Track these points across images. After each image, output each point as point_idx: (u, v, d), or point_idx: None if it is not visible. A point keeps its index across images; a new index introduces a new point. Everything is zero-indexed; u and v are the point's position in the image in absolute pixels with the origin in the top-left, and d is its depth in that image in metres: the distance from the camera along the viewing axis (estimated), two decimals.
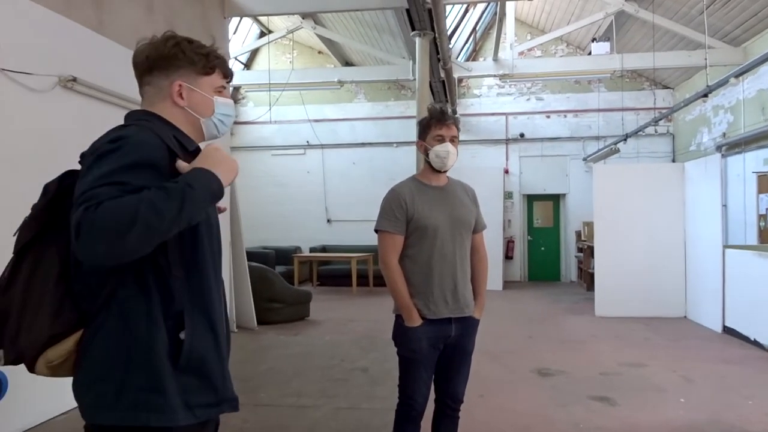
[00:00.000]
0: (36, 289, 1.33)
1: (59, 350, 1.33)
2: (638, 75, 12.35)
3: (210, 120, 1.53)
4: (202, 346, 1.37)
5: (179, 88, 1.47)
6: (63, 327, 1.32)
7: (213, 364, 1.40)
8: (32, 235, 1.35)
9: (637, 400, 4.42)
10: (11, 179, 3.49)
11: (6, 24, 3.58)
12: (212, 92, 1.53)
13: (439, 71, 9.46)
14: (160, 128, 1.39)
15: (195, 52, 1.49)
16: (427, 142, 2.62)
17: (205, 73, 1.51)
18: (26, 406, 3.64)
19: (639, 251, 8.23)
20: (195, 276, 1.39)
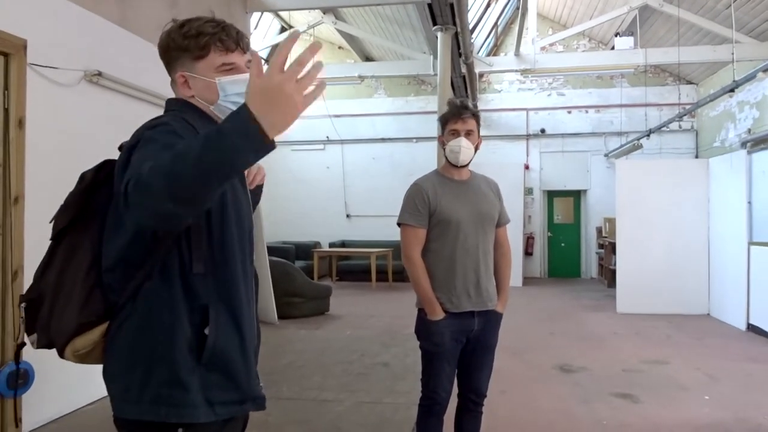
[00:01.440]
0: (68, 278, 1.33)
1: (86, 340, 1.32)
2: (662, 70, 12.18)
3: (219, 105, 1.41)
4: (225, 342, 1.33)
5: (183, 79, 1.41)
6: (90, 317, 1.32)
7: (237, 361, 1.35)
8: (67, 222, 1.35)
9: (660, 398, 4.38)
10: (40, 171, 3.55)
11: (34, 20, 3.63)
12: (214, 73, 1.39)
13: (461, 66, 9.42)
14: (193, 118, 1.37)
15: (184, 36, 1.38)
16: (444, 137, 2.62)
17: (199, 56, 1.39)
18: (56, 396, 3.70)
19: (662, 248, 8.13)
20: (221, 271, 1.34)
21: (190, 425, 1.29)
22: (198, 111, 1.43)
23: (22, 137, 3.54)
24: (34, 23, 3.64)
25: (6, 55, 3.44)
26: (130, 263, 1.31)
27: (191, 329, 1.30)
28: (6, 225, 3.44)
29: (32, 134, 3.60)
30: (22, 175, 3.53)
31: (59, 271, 1.35)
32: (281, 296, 7.47)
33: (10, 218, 3.45)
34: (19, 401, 3.49)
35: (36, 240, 3.44)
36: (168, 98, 1.48)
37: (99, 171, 1.37)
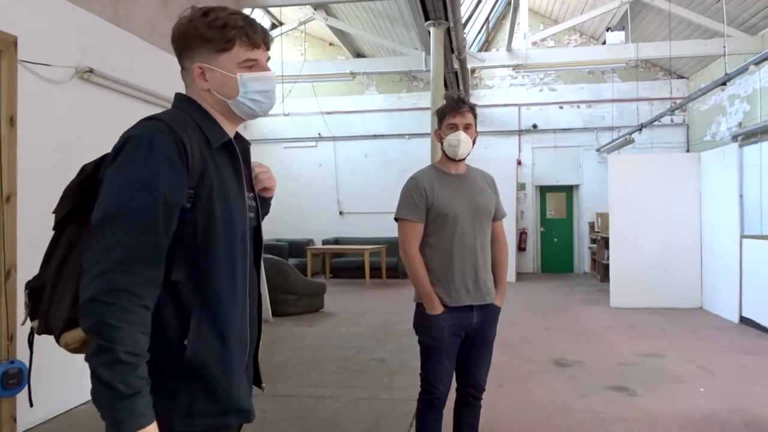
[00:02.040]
0: (67, 270, 1.32)
1: (74, 335, 1.30)
2: (653, 65, 12.23)
3: (237, 101, 1.37)
4: (205, 353, 1.28)
5: (200, 70, 1.35)
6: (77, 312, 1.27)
7: (216, 373, 1.31)
8: (65, 213, 1.33)
9: (656, 390, 4.40)
10: (32, 169, 3.51)
11: (25, 16, 3.59)
12: (236, 68, 1.35)
13: (453, 62, 9.40)
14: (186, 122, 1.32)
15: (209, 26, 1.32)
16: (441, 131, 2.61)
17: (222, 49, 1.33)
18: (49, 396, 3.67)
19: (654, 242, 8.17)
20: (204, 278, 1.30)
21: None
22: (200, 108, 1.38)
23: (14, 135, 3.50)
24: (25, 19, 3.60)
25: None
26: None
27: (174, 338, 1.27)
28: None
29: (24, 132, 3.56)
30: (14, 173, 3.49)
31: (59, 263, 1.33)
32: (275, 293, 7.45)
33: (2, 217, 3.41)
34: (14, 401, 3.47)
35: (29, 238, 3.41)
36: (177, 93, 1.43)
37: (100, 164, 1.34)
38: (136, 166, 1.22)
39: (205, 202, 1.29)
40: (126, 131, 1.28)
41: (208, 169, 1.31)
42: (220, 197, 1.32)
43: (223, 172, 1.35)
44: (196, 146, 1.29)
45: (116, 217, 1.19)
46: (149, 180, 1.21)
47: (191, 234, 1.28)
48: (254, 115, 1.44)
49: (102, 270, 1.16)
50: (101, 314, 1.14)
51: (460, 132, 2.56)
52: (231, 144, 1.40)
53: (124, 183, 1.21)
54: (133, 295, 1.17)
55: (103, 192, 1.23)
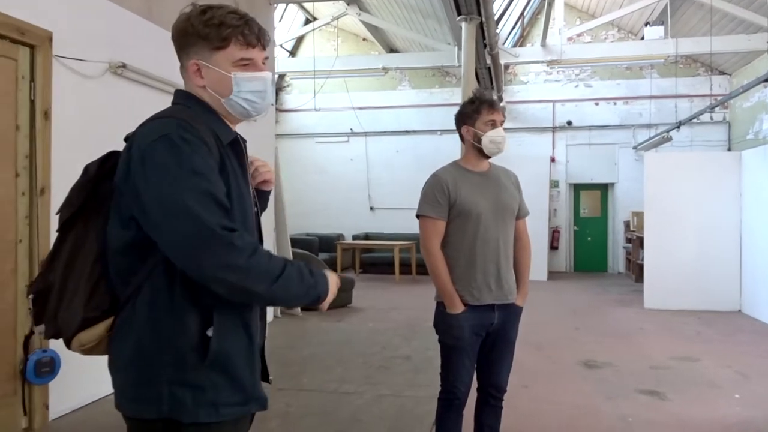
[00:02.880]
0: (75, 270, 1.33)
1: (91, 334, 1.31)
2: (693, 60, 11.89)
3: (231, 100, 1.38)
4: (230, 344, 1.31)
5: (196, 67, 1.36)
6: (95, 311, 1.31)
7: (241, 363, 1.33)
8: (70, 214, 1.34)
9: (689, 395, 4.28)
10: (66, 162, 3.58)
11: (59, 12, 3.67)
12: (231, 67, 1.36)
13: (486, 57, 9.30)
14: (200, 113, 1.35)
15: (205, 23, 1.33)
16: (477, 128, 2.55)
17: (218, 47, 1.34)
18: (80, 385, 3.76)
19: (691, 242, 7.95)
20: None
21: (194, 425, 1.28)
22: (205, 105, 1.39)
23: (48, 128, 3.59)
24: (60, 15, 3.67)
25: (32, 47, 3.48)
26: (130, 259, 1.30)
27: (195, 329, 1.28)
28: (33, 215, 3.50)
29: (58, 125, 3.65)
30: (49, 166, 3.58)
31: (66, 264, 1.34)
32: None
33: (36, 208, 3.50)
34: (46, 388, 3.56)
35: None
36: (177, 89, 1.45)
37: (104, 163, 1.35)
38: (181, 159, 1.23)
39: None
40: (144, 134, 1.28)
41: (225, 164, 1.32)
42: (236, 192, 1.34)
43: (235, 168, 1.37)
44: (212, 142, 1.31)
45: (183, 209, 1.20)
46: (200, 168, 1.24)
47: None
48: (247, 115, 1.44)
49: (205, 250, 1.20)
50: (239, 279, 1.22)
51: (500, 129, 2.53)
52: (237, 141, 1.41)
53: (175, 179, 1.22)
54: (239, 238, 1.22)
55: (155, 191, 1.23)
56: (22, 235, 3.44)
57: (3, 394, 3.33)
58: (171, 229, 1.21)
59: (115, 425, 3.35)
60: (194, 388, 1.27)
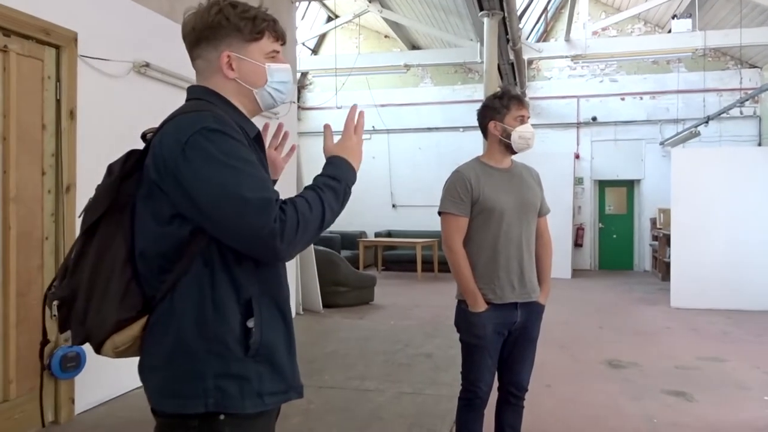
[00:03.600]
0: (103, 273, 1.31)
1: (125, 336, 1.30)
2: (722, 53, 11.62)
3: (263, 90, 1.42)
4: (271, 334, 1.33)
5: (228, 59, 1.37)
6: (129, 312, 1.29)
7: (282, 352, 1.36)
8: (97, 217, 1.33)
9: (716, 397, 4.19)
10: (91, 160, 3.64)
11: (84, 12, 3.72)
12: (263, 59, 1.41)
13: (508, 53, 9.22)
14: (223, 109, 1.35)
15: (240, 16, 1.37)
16: (506, 123, 2.52)
17: (253, 39, 1.38)
18: (105, 380, 3.81)
19: (720, 240, 7.78)
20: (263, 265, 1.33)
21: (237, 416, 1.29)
22: (224, 100, 1.39)
23: (74, 128, 3.65)
24: (85, 16, 3.72)
25: (58, 48, 3.54)
26: (167, 256, 1.29)
27: (237, 322, 1.29)
28: (59, 213, 3.56)
29: (83, 124, 3.70)
30: (74, 164, 3.64)
31: (93, 266, 1.32)
32: (326, 285, 7.51)
33: (62, 206, 3.56)
34: (72, 383, 3.62)
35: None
36: (190, 86, 1.44)
37: (126, 162, 1.34)
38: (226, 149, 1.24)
39: None
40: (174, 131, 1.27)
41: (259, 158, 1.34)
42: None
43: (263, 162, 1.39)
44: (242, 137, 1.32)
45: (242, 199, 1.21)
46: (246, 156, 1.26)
47: None
48: (272, 106, 1.48)
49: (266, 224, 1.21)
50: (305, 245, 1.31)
51: (529, 124, 2.50)
52: (260, 135, 1.43)
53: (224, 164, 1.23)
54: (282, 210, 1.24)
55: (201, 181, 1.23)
56: (48, 232, 3.50)
57: (30, 388, 3.39)
58: (234, 224, 1.22)
59: (138, 419, 3.40)
60: (240, 379, 1.29)
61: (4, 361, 3.24)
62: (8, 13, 3.17)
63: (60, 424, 3.53)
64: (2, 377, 3.23)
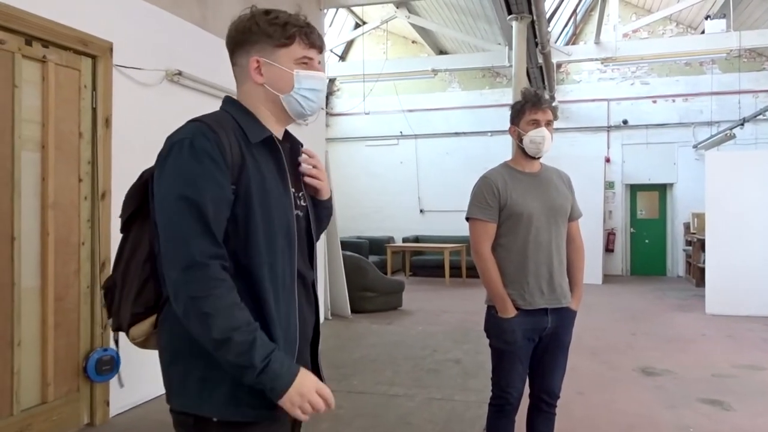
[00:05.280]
0: (131, 269, 1.42)
1: (139, 330, 1.41)
2: (758, 54, 11.35)
3: (290, 96, 1.41)
4: None
5: (257, 64, 1.39)
6: (140, 308, 1.40)
7: None
8: (127, 216, 1.45)
9: (755, 406, 4.07)
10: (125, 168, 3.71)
11: (119, 23, 3.81)
12: (293, 64, 1.40)
13: (537, 56, 9.15)
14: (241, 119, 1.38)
15: (270, 22, 1.38)
16: (520, 127, 2.51)
17: (282, 44, 1.39)
18: (139, 382, 3.87)
19: (757, 244, 7.58)
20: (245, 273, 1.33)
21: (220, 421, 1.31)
22: (242, 107, 1.42)
23: (109, 135, 3.73)
24: (120, 26, 3.81)
25: (94, 58, 3.63)
26: None
27: None
28: (94, 219, 3.64)
29: (118, 132, 3.79)
30: (109, 171, 3.72)
31: (126, 262, 1.44)
32: (354, 290, 7.53)
33: (98, 212, 3.65)
34: (107, 386, 3.69)
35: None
36: (226, 96, 1.49)
37: None
38: (182, 168, 1.28)
39: (244, 198, 1.32)
40: (171, 135, 1.34)
41: (246, 165, 1.33)
42: (260, 193, 1.34)
43: (263, 168, 1.37)
44: (234, 144, 1.33)
45: (173, 219, 1.26)
46: (195, 178, 1.27)
47: (233, 229, 1.32)
48: (302, 114, 1.46)
49: (179, 270, 1.23)
50: (199, 309, 1.22)
51: (543, 128, 2.46)
52: (272, 140, 1.41)
53: (171, 184, 1.28)
54: (217, 280, 1.24)
55: (157, 195, 1.31)
56: (84, 237, 3.58)
57: (68, 391, 3.48)
58: (162, 235, 1.28)
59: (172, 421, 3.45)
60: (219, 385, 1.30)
61: (43, 364, 3.33)
62: (47, 25, 3.27)
63: (95, 426, 3.60)
64: (40, 380, 3.32)
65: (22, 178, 3.20)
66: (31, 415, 3.26)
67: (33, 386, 3.28)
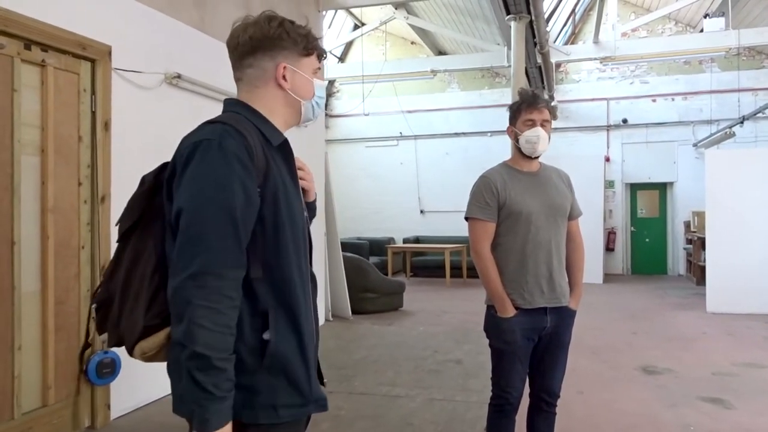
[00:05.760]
0: (135, 279, 1.36)
1: (152, 342, 1.34)
2: (757, 52, 11.36)
3: (309, 103, 1.50)
4: (285, 347, 1.33)
5: (284, 71, 1.43)
6: (154, 319, 1.33)
7: (297, 365, 1.35)
8: (130, 224, 1.39)
9: (755, 404, 4.07)
10: (125, 171, 3.73)
11: (118, 26, 3.81)
12: (311, 74, 1.50)
13: (536, 56, 9.16)
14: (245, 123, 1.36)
15: (298, 32, 1.45)
16: (517, 128, 2.52)
17: (306, 54, 1.47)
18: (140, 386, 3.88)
19: (757, 243, 7.58)
20: (277, 274, 1.34)
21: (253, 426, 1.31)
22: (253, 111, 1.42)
23: (109, 139, 3.74)
24: (118, 30, 3.81)
25: (93, 61, 3.64)
26: None
27: (252, 334, 1.31)
28: (94, 222, 3.65)
29: (117, 135, 3.79)
30: (109, 175, 3.73)
31: (126, 272, 1.38)
32: (355, 291, 7.54)
33: (98, 216, 3.65)
34: (108, 389, 3.70)
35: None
36: (226, 99, 1.49)
37: (159, 174, 1.39)
38: (212, 169, 1.26)
39: (271, 200, 1.32)
40: (190, 136, 1.33)
41: (271, 168, 1.34)
42: (284, 195, 1.35)
43: (283, 171, 1.39)
44: (258, 146, 1.33)
45: (200, 221, 1.24)
46: (225, 182, 1.25)
47: (261, 231, 1.32)
48: (310, 118, 1.53)
49: (192, 273, 1.21)
50: (196, 317, 1.19)
51: (538, 128, 2.47)
52: (287, 144, 1.44)
53: (202, 187, 1.26)
54: (225, 296, 1.22)
55: (182, 196, 1.27)
56: (84, 241, 3.59)
57: (68, 394, 3.48)
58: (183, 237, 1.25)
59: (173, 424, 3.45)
60: (253, 391, 1.30)
61: (43, 367, 3.33)
62: (46, 29, 3.27)
63: (96, 429, 3.60)
64: (41, 383, 3.32)
65: (22, 182, 3.20)
66: (32, 418, 3.26)
67: (34, 390, 3.29)
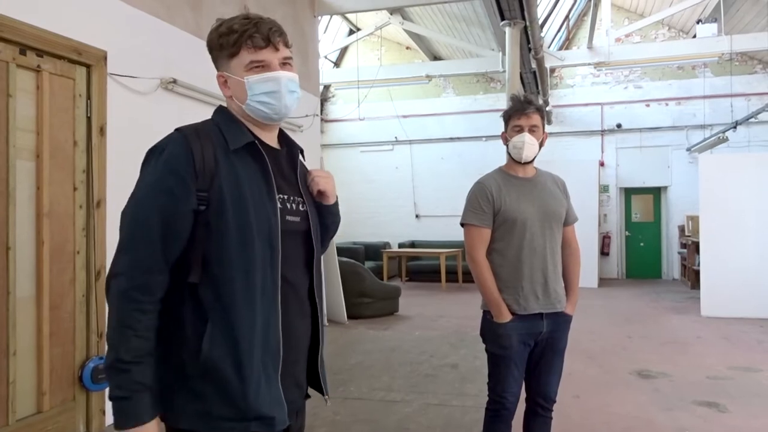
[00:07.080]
0: None
1: None
2: (750, 58, 11.44)
3: (249, 104, 1.39)
4: (217, 356, 1.29)
5: (223, 79, 1.41)
6: None
7: (229, 376, 1.29)
8: None
9: (750, 408, 4.09)
10: (120, 176, 3.72)
11: (113, 32, 3.81)
12: (243, 72, 1.37)
13: (530, 61, 9.19)
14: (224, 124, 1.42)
15: (220, 34, 1.37)
16: (507, 133, 2.56)
17: (232, 54, 1.37)
18: None
19: (751, 246, 7.62)
20: (219, 280, 1.31)
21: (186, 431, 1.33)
22: (229, 115, 1.44)
23: (104, 144, 3.74)
24: (113, 35, 3.82)
25: (88, 66, 3.64)
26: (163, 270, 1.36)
27: (194, 339, 1.30)
28: (90, 227, 3.64)
29: (113, 140, 3.79)
30: (104, 180, 3.72)
31: None
32: (350, 296, 7.53)
33: (93, 221, 3.64)
34: (103, 394, 3.68)
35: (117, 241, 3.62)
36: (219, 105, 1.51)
37: None
38: (147, 176, 1.34)
39: (217, 205, 1.31)
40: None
41: (220, 172, 1.33)
42: (235, 200, 1.33)
43: (241, 175, 1.35)
44: (208, 151, 1.33)
45: (129, 223, 1.31)
46: (154, 189, 1.30)
47: (205, 236, 1.32)
48: (268, 118, 1.42)
49: (110, 274, 1.29)
50: (108, 316, 1.28)
51: (524, 134, 2.49)
52: (254, 146, 1.40)
53: (135, 192, 1.34)
54: (133, 300, 1.26)
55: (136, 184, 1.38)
56: (79, 246, 3.58)
57: (63, 399, 3.46)
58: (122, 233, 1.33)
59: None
60: (193, 397, 1.31)
61: (38, 373, 3.31)
62: (41, 35, 3.27)
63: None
64: (36, 389, 3.31)
65: (17, 187, 3.19)
66: (27, 424, 3.24)
67: (28, 396, 3.27)
